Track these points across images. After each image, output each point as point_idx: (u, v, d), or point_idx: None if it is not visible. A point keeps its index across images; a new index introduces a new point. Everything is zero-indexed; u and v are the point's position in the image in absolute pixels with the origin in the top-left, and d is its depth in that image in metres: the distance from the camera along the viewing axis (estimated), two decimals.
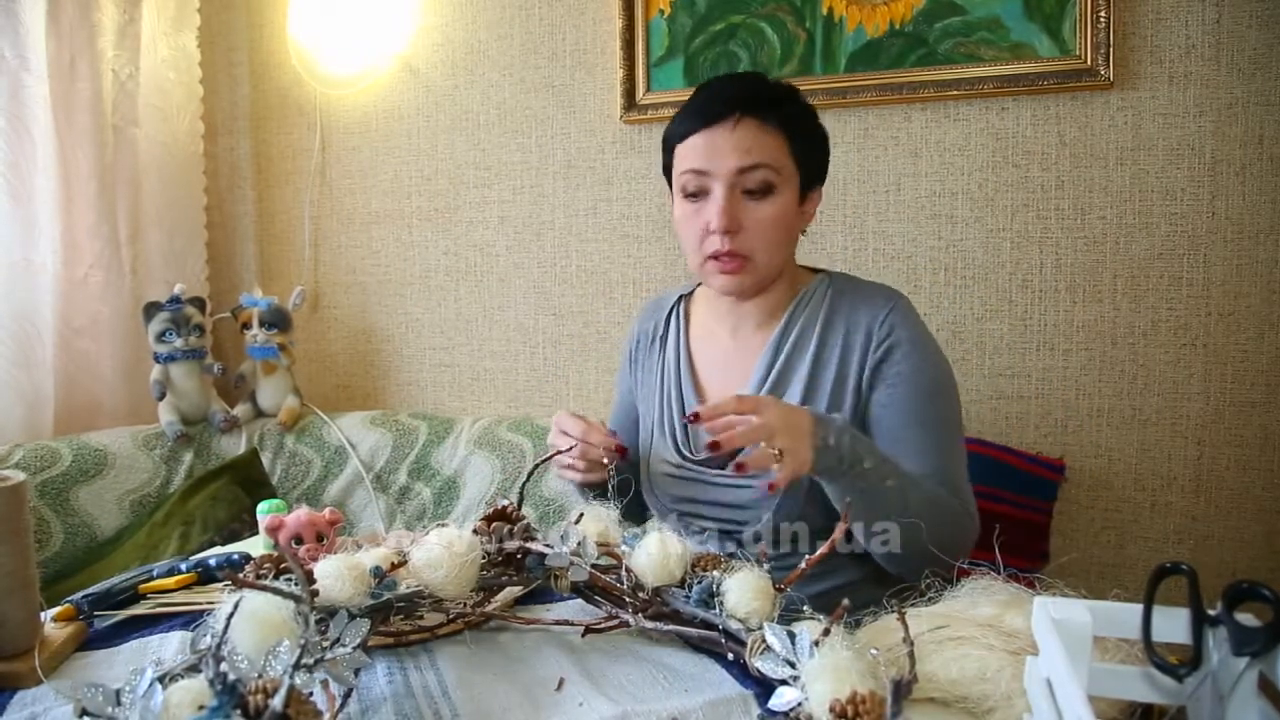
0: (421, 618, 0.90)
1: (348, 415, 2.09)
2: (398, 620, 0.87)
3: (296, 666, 0.64)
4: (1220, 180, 1.67)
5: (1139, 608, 0.59)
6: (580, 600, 0.95)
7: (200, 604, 1.03)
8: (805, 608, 0.81)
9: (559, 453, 1.15)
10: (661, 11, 1.95)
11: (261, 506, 1.28)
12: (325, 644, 0.71)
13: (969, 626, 0.73)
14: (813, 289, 1.23)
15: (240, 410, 2.07)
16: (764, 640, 0.75)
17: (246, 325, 2.07)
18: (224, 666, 0.62)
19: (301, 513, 1.12)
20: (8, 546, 0.87)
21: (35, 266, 1.83)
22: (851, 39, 1.83)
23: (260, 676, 0.63)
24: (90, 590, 1.05)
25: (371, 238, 2.28)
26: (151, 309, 1.94)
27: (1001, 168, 1.79)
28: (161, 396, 1.94)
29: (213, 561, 1.12)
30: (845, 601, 0.76)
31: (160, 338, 1.92)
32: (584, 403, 2.13)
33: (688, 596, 0.84)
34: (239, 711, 0.57)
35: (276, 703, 0.56)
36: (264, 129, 2.33)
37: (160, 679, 0.64)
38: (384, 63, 2.19)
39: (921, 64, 1.79)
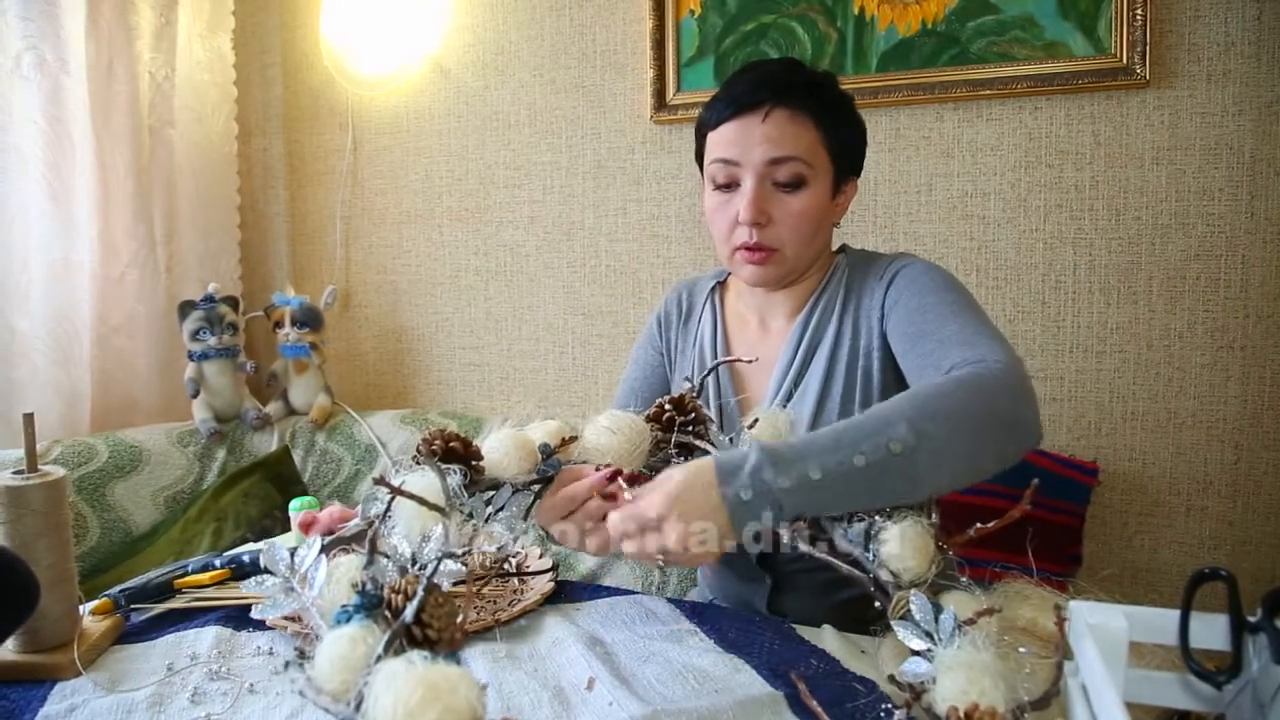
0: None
1: (378, 414, 2.10)
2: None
3: (444, 558, 0.69)
4: (1260, 180, 1.64)
5: (1176, 613, 0.58)
6: (610, 601, 0.95)
7: (233, 599, 1.04)
8: (963, 579, 0.76)
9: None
10: (692, 12, 1.94)
11: (294, 504, 1.29)
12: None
13: (1004, 630, 0.73)
14: (833, 272, 1.21)
15: (272, 408, 2.09)
16: (909, 604, 0.72)
17: (279, 324, 2.09)
18: (373, 572, 0.67)
19: (333, 510, 1.13)
20: (48, 540, 0.89)
21: (73, 265, 1.86)
22: (883, 38, 1.82)
23: (405, 573, 0.68)
24: (127, 584, 1.07)
25: (402, 237, 2.30)
26: (186, 308, 1.96)
27: (1035, 168, 1.77)
28: (195, 394, 1.97)
29: (246, 558, 1.13)
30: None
31: (194, 336, 1.95)
32: (612, 402, 2.12)
33: (844, 530, 0.82)
34: (384, 608, 0.63)
35: (408, 614, 0.61)
36: (296, 130, 2.36)
37: (325, 549, 0.71)
38: (415, 63, 2.21)
39: (954, 63, 1.78)
